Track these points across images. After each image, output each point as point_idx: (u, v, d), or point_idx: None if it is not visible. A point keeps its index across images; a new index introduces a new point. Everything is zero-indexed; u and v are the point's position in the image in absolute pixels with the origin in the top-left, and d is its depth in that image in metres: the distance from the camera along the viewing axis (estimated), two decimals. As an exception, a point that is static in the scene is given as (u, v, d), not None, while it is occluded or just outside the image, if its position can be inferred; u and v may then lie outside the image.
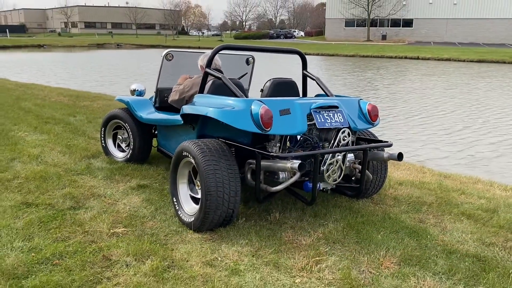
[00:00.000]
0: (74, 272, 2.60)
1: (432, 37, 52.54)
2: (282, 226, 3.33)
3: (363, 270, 2.74)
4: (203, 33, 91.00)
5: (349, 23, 58.67)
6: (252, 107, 3.07)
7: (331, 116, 3.33)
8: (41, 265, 2.68)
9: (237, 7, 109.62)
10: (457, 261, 2.87)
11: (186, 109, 3.56)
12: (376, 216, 3.57)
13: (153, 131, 4.83)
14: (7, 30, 64.96)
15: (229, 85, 3.52)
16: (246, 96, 4.50)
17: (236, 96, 3.40)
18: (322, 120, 3.27)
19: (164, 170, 4.61)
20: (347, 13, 56.66)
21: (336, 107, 3.41)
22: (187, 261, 2.79)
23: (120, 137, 4.99)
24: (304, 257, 2.86)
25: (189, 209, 3.36)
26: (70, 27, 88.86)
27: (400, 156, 3.38)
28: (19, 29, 77.67)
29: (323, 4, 69.75)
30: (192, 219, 3.20)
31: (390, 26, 56.34)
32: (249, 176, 3.33)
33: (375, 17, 55.63)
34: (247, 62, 5.12)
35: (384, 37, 55.60)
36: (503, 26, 48.97)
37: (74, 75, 18.14)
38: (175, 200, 3.44)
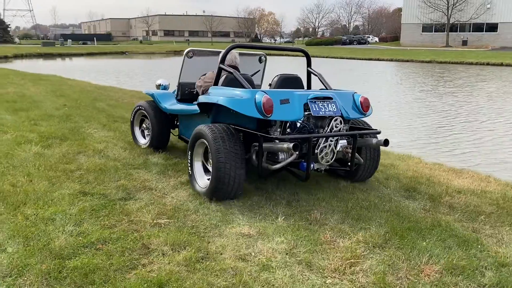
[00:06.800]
0: (114, 257, 2.74)
1: (520, 42, 48.77)
2: (322, 227, 3.26)
3: (401, 276, 2.60)
4: (275, 40, 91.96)
5: (426, 28, 56.23)
6: (256, 96, 3.55)
7: (325, 106, 3.76)
8: (86, 248, 2.85)
9: (310, 14, 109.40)
10: (508, 275, 2.63)
11: (202, 98, 4.14)
12: (425, 223, 3.38)
13: (175, 122, 5.38)
14: (94, 38, 70.28)
15: (239, 79, 4.05)
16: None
17: (244, 88, 3.88)
18: (317, 109, 3.71)
19: (214, 167, 4.71)
20: (424, 17, 54.35)
21: (331, 98, 3.84)
22: (221, 254, 2.82)
23: (145, 126, 5.56)
24: (339, 258, 2.78)
25: (202, 183, 3.92)
26: (151, 35, 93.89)
27: (386, 142, 3.77)
28: (105, 37, 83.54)
29: (400, 9, 67.44)
30: (204, 190, 3.79)
31: (472, 31, 53.12)
32: (253, 156, 3.79)
33: (455, 22, 52.77)
34: (260, 60, 5.64)
35: (465, 43, 52.59)
36: None
37: (150, 79, 19.13)
38: (191, 173, 4.01)
